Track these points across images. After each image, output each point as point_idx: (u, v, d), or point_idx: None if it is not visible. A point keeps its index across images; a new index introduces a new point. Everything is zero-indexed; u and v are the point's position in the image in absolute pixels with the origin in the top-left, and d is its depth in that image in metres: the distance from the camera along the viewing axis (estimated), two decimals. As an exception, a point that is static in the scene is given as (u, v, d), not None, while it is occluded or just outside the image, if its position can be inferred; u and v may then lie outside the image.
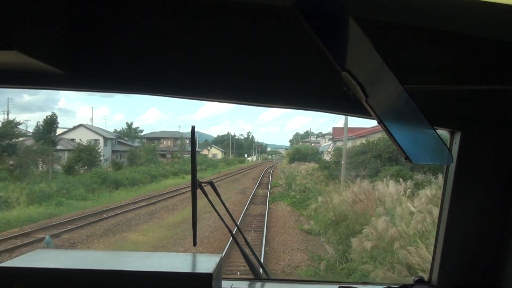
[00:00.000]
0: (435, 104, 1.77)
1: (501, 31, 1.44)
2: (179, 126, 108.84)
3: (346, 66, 1.06)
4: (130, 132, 74.39)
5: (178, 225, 15.51)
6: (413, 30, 1.63)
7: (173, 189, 26.27)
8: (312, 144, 62.25)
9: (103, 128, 58.22)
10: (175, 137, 75.77)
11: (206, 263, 1.68)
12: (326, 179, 23.60)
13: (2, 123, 29.28)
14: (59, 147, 34.63)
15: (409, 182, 12.52)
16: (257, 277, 2.16)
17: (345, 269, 9.54)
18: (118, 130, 70.47)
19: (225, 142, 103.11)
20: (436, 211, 9.08)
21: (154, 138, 77.08)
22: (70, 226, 15.07)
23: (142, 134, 77.42)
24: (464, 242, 1.96)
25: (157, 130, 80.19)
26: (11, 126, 29.01)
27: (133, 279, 1.55)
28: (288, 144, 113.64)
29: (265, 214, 17.69)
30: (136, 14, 1.74)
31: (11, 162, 28.34)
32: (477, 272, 1.97)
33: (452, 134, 1.92)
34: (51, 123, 32.13)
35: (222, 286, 1.78)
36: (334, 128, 40.23)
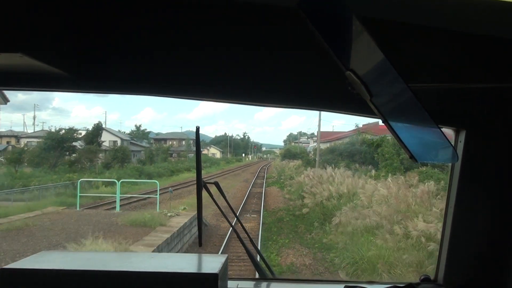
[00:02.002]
0: (440, 102, 1.79)
1: (508, 29, 1.42)
2: (181, 127, 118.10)
3: (350, 65, 1.08)
4: (138, 133, 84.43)
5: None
6: (417, 29, 1.62)
7: (193, 179, 36.89)
8: (303, 145, 72.95)
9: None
10: (181, 138, 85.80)
11: (212, 263, 1.70)
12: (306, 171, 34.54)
13: (66, 130, 40.07)
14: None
15: (341, 168, 23.62)
16: (263, 277, 2.20)
17: (300, 206, 20.63)
18: (121, 131, 79.26)
19: (223, 142, 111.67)
20: (341, 180, 20.13)
21: (161, 139, 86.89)
22: (147, 195, 25.86)
23: (147, 135, 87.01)
24: (470, 241, 1.98)
25: (153, 130, 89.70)
26: (72, 132, 39.91)
27: (138, 280, 1.57)
28: (282, 144, 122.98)
29: (262, 192, 28.51)
30: (140, 15, 1.76)
31: (72, 159, 39.34)
32: (483, 271, 1.98)
33: (457, 133, 1.94)
34: (97, 129, 43.00)
35: (228, 286, 1.80)
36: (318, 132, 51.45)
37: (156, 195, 20.42)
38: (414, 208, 11.35)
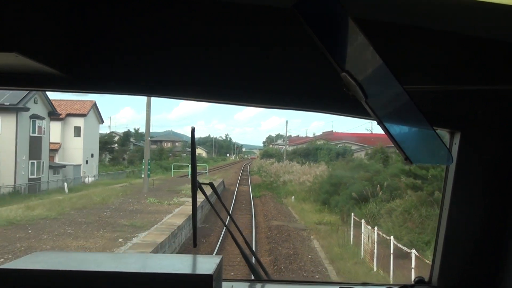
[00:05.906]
0: (435, 104, 1.85)
1: (501, 31, 1.46)
2: (171, 130, 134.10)
3: (345, 66, 1.11)
4: (137, 135, 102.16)
5: (220, 178, 46.22)
6: (412, 30, 1.68)
7: (198, 171, 57.05)
8: (279, 147, 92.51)
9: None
10: (175, 140, 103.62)
11: (206, 264, 1.74)
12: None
13: (107, 134, 59.18)
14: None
15: (294, 162, 43.99)
16: (257, 278, 2.24)
17: (272, 181, 40.82)
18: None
19: (208, 143, 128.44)
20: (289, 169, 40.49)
21: (157, 141, 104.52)
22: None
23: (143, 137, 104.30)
24: (465, 243, 2.04)
25: (132, 129, 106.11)
26: (112, 137, 58.93)
27: (132, 280, 1.61)
28: (262, 145, 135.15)
29: (248, 178, 48.44)
30: (135, 16, 1.82)
31: (111, 157, 58.53)
32: (478, 273, 2.04)
33: (452, 135, 1.99)
34: (128, 134, 62.01)
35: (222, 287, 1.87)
36: (290, 137, 71.99)
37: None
38: (306, 172, 32.25)
